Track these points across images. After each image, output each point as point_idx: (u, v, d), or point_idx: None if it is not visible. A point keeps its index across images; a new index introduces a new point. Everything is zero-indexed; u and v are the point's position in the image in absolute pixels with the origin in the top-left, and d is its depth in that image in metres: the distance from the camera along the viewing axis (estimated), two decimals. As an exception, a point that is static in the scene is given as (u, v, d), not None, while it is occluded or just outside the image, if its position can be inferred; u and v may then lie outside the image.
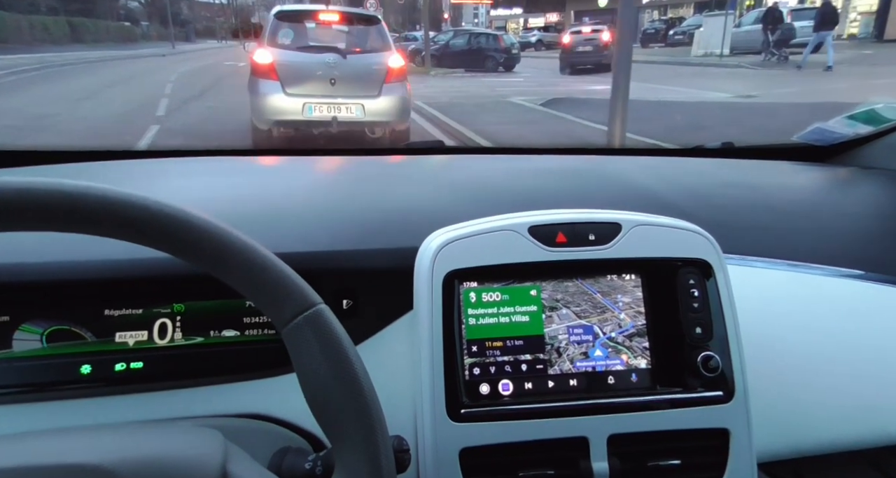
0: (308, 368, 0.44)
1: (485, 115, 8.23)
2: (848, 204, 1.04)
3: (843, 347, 0.79)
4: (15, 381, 0.63)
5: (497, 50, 17.45)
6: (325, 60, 5.44)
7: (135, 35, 34.56)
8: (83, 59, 17.81)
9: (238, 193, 0.91)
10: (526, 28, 38.63)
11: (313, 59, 5.46)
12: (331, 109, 5.29)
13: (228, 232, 0.44)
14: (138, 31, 36.05)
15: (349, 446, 0.44)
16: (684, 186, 1.02)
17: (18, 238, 0.59)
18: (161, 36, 34.78)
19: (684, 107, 8.58)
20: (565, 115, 7.93)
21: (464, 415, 0.65)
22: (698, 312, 0.70)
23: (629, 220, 0.72)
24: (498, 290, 0.69)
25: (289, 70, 5.35)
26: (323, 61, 5.43)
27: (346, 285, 0.71)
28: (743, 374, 0.69)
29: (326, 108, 5.28)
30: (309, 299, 0.45)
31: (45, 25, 23.19)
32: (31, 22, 22.20)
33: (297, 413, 0.66)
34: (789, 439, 0.75)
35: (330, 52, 5.51)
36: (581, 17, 34.02)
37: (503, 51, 17.46)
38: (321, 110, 5.27)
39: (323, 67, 5.40)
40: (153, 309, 0.68)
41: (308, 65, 5.44)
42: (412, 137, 5.96)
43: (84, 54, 19.17)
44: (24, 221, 0.39)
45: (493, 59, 17.37)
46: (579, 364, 0.70)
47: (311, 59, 5.48)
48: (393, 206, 0.87)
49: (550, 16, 39.21)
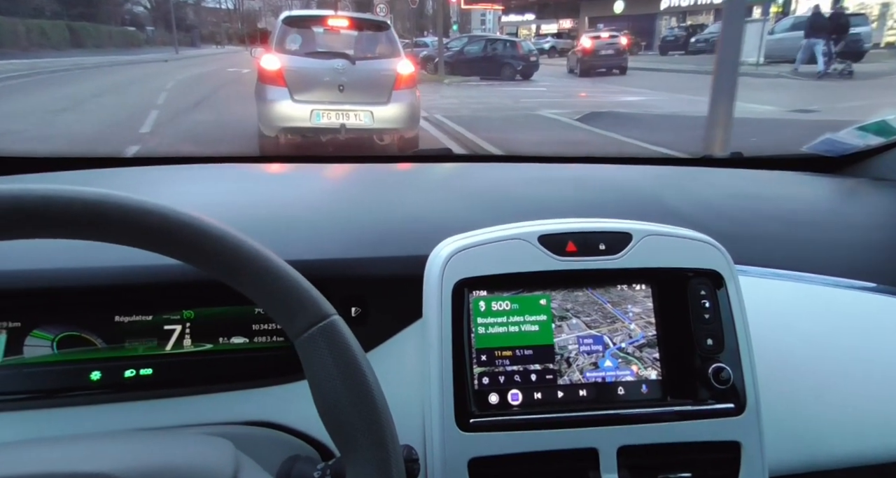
0: (320, 378, 0.44)
1: (517, 132, 7.27)
2: (859, 215, 1.03)
3: (856, 360, 0.78)
4: (26, 387, 0.64)
5: (515, 57, 16.67)
6: (333, 66, 5.30)
7: (139, 40, 34.01)
8: (79, 64, 16.89)
9: (246, 200, 0.91)
10: (538, 34, 37.76)
11: (322, 66, 5.34)
12: (339, 116, 5.18)
13: (243, 240, 0.44)
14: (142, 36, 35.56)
15: (360, 456, 0.44)
16: (694, 195, 1.02)
17: (29, 245, 0.53)
18: (166, 41, 34.32)
19: (741, 124, 7.51)
20: (612, 133, 6.84)
21: (472, 425, 0.65)
22: (709, 324, 0.70)
23: (640, 229, 0.71)
24: (507, 299, 0.69)
25: (297, 76, 5.22)
26: (331, 67, 5.30)
27: (355, 293, 0.71)
28: (755, 386, 0.69)
29: (335, 114, 5.18)
30: (323, 310, 0.45)
31: (44, 30, 22.37)
32: (28, 26, 21.44)
33: (305, 421, 0.66)
34: (802, 453, 0.74)
35: (338, 58, 5.38)
36: (596, 24, 33.24)
37: (521, 58, 16.69)
38: (329, 117, 5.16)
39: (331, 74, 5.28)
40: (163, 316, 0.68)
41: (316, 71, 5.32)
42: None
43: (80, 60, 18.26)
44: (43, 229, 0.39)
45: (511, 67, 16.57)
46: (589, 375, 0.69)
47: (320, 65, 5.36)
48: (402, 214, 0.88)
49: (563, 22, 38.35)
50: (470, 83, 15.30)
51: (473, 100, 10.82)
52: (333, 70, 5.26)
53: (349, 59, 5.35)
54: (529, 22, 41.67)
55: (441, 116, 7.97)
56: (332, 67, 5.27)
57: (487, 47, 17.20)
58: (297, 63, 5.33)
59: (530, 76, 16.69)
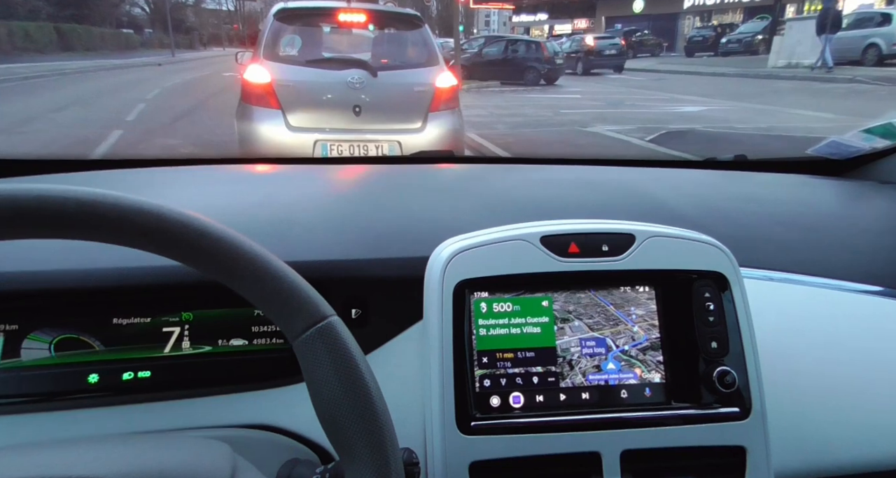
0: (319, 380, 0.44)
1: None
2: (865, 218, 1.02)
3: (863, 365, 0.77)
4: (23, 390, 0.63)
5: (539, 60, 15.11)
6: (346, 80, 3.71)
7: (134, 43, 32.74)
8: (58, 70, 15.37)
9: (246, 201, 0.90)
10: (552, 35, 36.04)
11: (330, 79, 3.76)
12: (354, 149, 3.70)
13: (242, 241, 0.44)
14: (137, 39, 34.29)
15: (359, 460, 0.43)
16: (698, 198, 1.02)
17: (26, 246, 0.54)
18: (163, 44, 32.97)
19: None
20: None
21: (474, 428, 0.64)
22: (714, 326, 0.69)
23: (643, 231, 0.70)
24: (509, 300, 0.69)
25: (294, 93, 3.70)
26: (343, 81, 3.71)
27: (356, 294, 0.71)
28: (760, 390, 0.68)
29: (348, 147, 3.70)
30: (321, 311, 0.45)
31: (27, 32, 20.86)
32: (10, 28, 19.93)
33: (304, 424, 0.66)
34: (808, 459, 0.73)
35: (353, 67, 3.78)
36: (613, 24, 31.72)
37: (546, 61, 15.09)
38: (340, 151, 3.69)
39: (343, 90, 3.71)
40: (161, 318, 0.67)
41: (322, 86, 3.76)
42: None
43: (62, 65, 16.77)
44: (37, 229, 0.39)
45: (535, 71, 15.05)
46: (592, 377, 0.68)
47: (327, 77, 3.77)
48: (403, 215, 0.87)
49: (578, 22, 36.69)
50: (490, 89, 13.78)
51: (504, 111, 9.22)
52: (346, 85, 3.69)
53: (368, 70, 3.76)
54: (542, 22, 39.95)
55: (476, 136, 6.37)
56: (345, 81, 3.70)
57: (508, 49, 15.73)
58: (296, 75, 3.76)
59: (555, 80, 15.35)
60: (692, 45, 24.42)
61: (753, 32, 21.93)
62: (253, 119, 3.63)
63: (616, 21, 31.72)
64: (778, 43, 15.86)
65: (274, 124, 3.59)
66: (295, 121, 3.64)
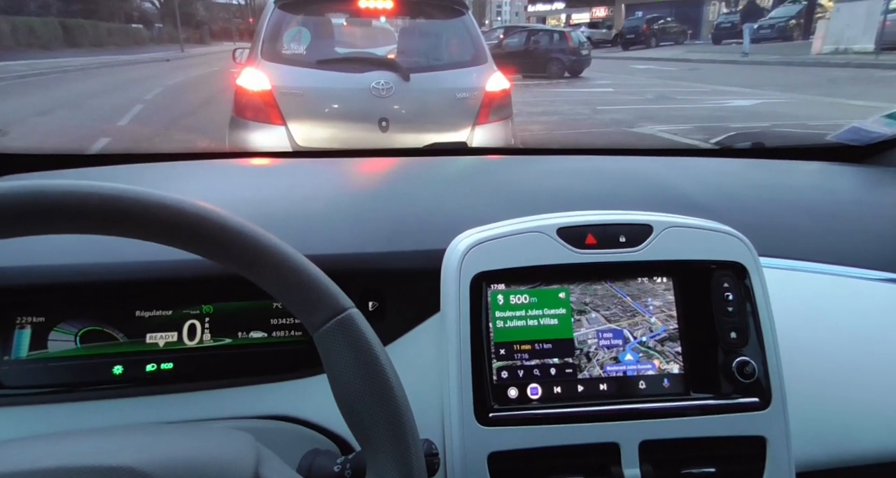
0: (339, 372, 0.44)
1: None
2: (886, 205, 1.00)
3: (884, 354, 0.76)
4: (50, 381, 0.65)
5: (564, 51, 14.31)
6: (368, 85, 2.85)
7: (142, 38, 32.16)
8: (60, 67, 14.73)
9: (263, 195, 0.91)
10: (569, 24, 34.88)
11: (347, 84, 2.87)
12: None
13: (262, 235, 0.44)
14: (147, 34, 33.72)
15: (380, 450, 0.44)
16: (715, 186, 1.01)
17: (51, 241, 0.53)
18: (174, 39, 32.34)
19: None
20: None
21: (492, 419, 0.64)
22: (733, 316, 0.69)
23: (661, 221, 0.70)
24: (526, 292, 0.68)
25: (301, 104, 2.83)
26: (365, 87, 2.84)
27: (373, 287, 0.71)
28: (780, 380, 0.67)
29: None
30: (341, 304, 0.45)
31: (32, 28, 20.24)
32: (14, 24, 19.32)
33: (325, 415, 0.66)
34: (829, 449, 0.72)
35: (378, 68, 2.94)
36: (633, 11, 30.53)
37: (571, 52, 14.23)
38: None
39: (365, 98, 2.84)
40: (183, 310, 0.68)
41: (338, 94, 2.90)
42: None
43: (64, 62, 16.13)
44: (61, 224, 0.39)
45: (559, 63, 14.23)
46: (609, 369, 0.68)
47: (344, 83, 2.88)
48: (419, 207, 0.87)
49: (597, 10, 35.48)
50: (514, 83, 12.86)
51: (534, 108, 8.36)
52: (369, 92, 2.84)
53: (397, 71, 2.91)
54: (559, 11, 38.75)
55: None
56: (367, 87, 2.84)
57: (530, 40, 14.92)
58: (303, 80, 2.89)
59: (580, 72, 14.51)
60: (719, 32, 23.23)
61: (787, 17, 20.76)
62: (248, 139, 2.82)
63: (636, 8, 30.51)
64: (823, 27, 14.77)
65: (275, 146, 2.78)
66: (303, 140, 2.81)
